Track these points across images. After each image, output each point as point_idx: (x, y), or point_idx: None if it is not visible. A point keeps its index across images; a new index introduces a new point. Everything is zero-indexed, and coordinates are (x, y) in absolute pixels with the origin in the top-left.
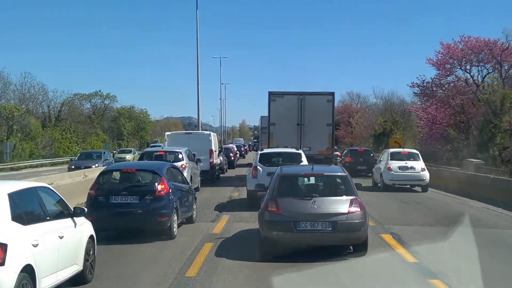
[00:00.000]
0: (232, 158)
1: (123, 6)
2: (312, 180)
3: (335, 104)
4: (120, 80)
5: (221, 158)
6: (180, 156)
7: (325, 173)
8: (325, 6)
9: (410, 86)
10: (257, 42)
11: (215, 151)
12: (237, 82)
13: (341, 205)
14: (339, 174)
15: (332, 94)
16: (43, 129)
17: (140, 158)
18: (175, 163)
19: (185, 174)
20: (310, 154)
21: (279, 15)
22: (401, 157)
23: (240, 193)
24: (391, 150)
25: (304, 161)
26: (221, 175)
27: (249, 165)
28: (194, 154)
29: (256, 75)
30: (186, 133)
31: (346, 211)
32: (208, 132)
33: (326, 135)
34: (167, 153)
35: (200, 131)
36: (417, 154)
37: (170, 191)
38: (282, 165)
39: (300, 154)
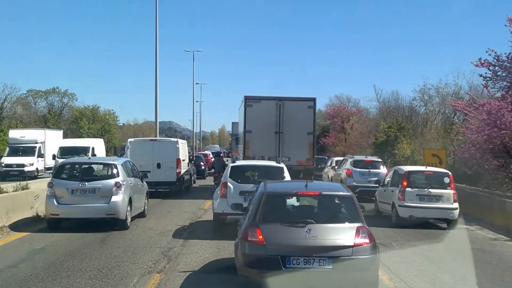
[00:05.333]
0: (203, 167)
1: None
2: (306, 201)
3: (323, 108)
4: (93, 81)
5: (190, 168)
6: (114, 171)
7: (323, 192)
8: (310, 6)
9: (476, 65)
10: (242, 45)
11: (183, 160)
12: (218, 87)
13: (345, 235)
14: (342, 193)
15: (314, 100)
16: None
17: (57, 174)
18: (106, 181)
19: (119, 196)
20: (289, 165)
21: (265, 15)
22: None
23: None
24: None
25: (287, 177)
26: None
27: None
28: (159, 164)
29: (238, 80)
30: (151, 140)
31: (352, 243)
32: (175, 140)
33: (307, 145)
34: (96, 166)
35: (166, 138)
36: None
37: None
38: (261, 181)
39: (282, 169)
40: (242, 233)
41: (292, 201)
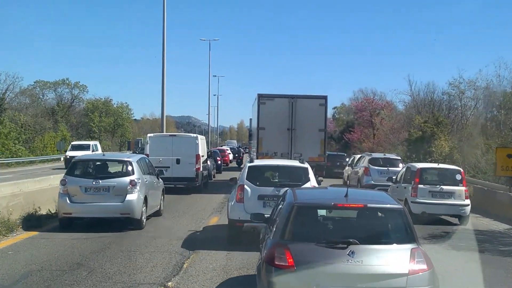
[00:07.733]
0: (220, 162)
1: None
2: (346, 214)
3: (347, 102)
4: (108, 75)
5: (209, 163)
6: (129, 168)
7: (369, 205)
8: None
9: None
10: (260, 41)
11: (202, 156)
12: (237, 81)
13: (397, 259)
14: (391, 206)
15: (325, 98)
16: None
17: (69, 171)
18: (121, 178)
19: (135, 194)
20: None
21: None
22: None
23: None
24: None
25: (312, 180)
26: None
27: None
28: (178, 159)
29: (256, 74)
30: (170, 135)
31: (406, 271)
32: (195, 135)
33: (318, 141)
34: (110, 163)
35: (186, 134)
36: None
37: None
38: (283, 184)
39: (306, 169)
40: (267, 254)
41: (322, 212)
